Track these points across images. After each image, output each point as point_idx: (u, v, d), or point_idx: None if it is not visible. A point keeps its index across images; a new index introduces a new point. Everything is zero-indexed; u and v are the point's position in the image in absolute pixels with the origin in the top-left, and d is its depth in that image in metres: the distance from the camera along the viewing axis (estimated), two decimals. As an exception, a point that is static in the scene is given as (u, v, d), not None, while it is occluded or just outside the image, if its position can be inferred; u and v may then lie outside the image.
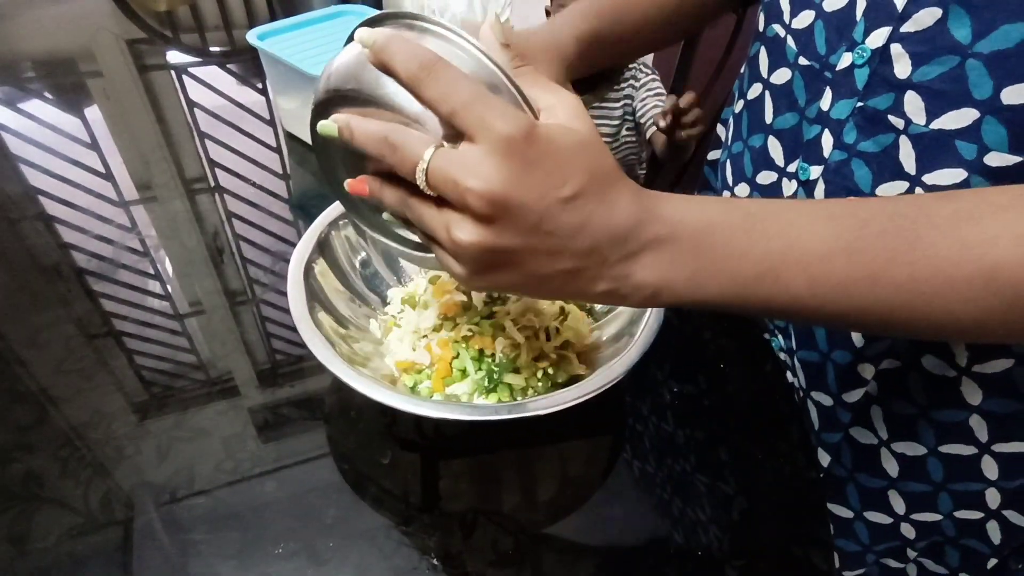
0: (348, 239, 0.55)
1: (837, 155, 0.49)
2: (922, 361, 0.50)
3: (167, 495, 0.45)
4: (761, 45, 0.57)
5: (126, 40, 1.02)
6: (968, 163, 0.42)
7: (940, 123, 0.43)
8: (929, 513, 0.55)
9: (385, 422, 0.50)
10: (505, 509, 0.46)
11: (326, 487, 0.46)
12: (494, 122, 0.29)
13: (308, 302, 0.46)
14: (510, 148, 0.29)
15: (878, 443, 0.55)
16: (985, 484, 0.51)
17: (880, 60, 0.45)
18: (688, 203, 0.33)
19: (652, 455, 0.51)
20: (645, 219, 0.32)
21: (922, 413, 0.51)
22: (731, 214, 0.33)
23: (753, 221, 0.32)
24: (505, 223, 0.30)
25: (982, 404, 0.49)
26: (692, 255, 0.32)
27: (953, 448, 0.51)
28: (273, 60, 0.73)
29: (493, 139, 0.29)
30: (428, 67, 0.30)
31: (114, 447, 0.48)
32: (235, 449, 0.48)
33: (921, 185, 0.45)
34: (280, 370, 0.55)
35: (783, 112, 0.55)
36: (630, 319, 0.50)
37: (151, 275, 0.63)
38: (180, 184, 0.73)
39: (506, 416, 0.40)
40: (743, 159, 0.61)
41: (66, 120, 0.83)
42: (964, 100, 0.41)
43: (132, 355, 0.55)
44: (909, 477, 0.54)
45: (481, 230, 0.30)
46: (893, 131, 0.45)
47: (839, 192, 0.49)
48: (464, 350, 0.49)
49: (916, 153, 0.44)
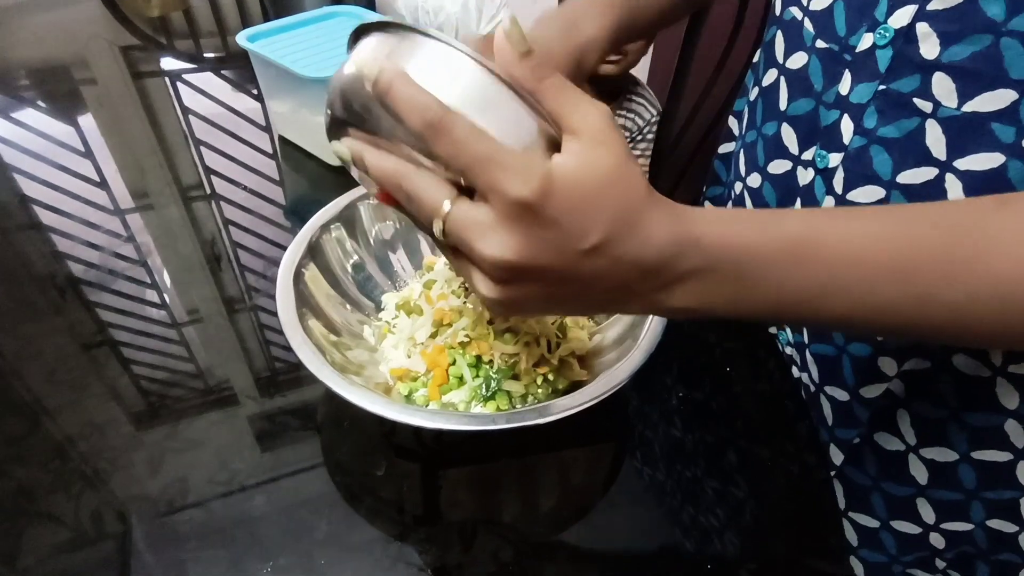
0: (340, 243, 0.53)
1: (857, 141, 0.47)
2: (953, 361, 0.47)
3: (159, 508, 0.44)
4: (778, 29, 0.55)
5: (120, 47, 1.02)
6: (1006, 147, 0.40)
7: (973, 105, 0.41)
8: (960, 522, 0.52)
9: (382, 431, 0.49)
10: (506, 519, 0.45)
11: (320, 499, 0.45)
12: (506, 186, 0.28)
13: (298, 309, 0.45)
14: (524, 212, 0.28)
15: (905, 449, 0.52)
16: (1020, 492, 0.49)
17: (905, 40, 0.43)
18: (726, 227, 0.31)
19: (656, 460, 0.49)
20: (680, 251, 0.30)
21: (953, 416, 0.49)
22: (772, 239, 0.31)
23: (797, 248, 0.31)
24: (524, 282, 0.30)
25: (1020, 408, 0.46)
26: (731, 285, 0.31)
27: (987, 454, 0.49)
28: (264, 62, 0.72)
29: (506, 204, 0.28)
30: (435, 125, 0.28)
31: (106, 459, 0.47)
32: (229, 460, 0.47)
33: (952, 171, 0.43)
34: (275, 379, 0.54)
35: (797, 98, 0.53)
36: (632, 323, 0.49)
37: (147, 283, 0.62)
38: (176, 191, 0.73)
39: (504, 426, 0.39)
40: (756, 148, 0.59)
41: (60, 128, 0.83)
42: (1000, 81, 0.39)
43: (126, 364, 0.54)
44: (939, 485, 0.52)
45: (499, 287, 0.31)
46: (919, 115, 0.43)
47: (858, 180, 0.47)
48: (461, 356, 0.48)
49: (947, 138, 0.42)
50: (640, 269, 0.30)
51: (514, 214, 0.28)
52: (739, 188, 0.63)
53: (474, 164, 0.28)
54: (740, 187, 0.63)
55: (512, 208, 0.28)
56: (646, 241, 0.30)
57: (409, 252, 0.59)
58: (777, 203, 0.57)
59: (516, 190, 0.28)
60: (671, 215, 0.31)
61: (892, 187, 0.46)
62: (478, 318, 0.49)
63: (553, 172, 0.28)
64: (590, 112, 0.30)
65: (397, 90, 0.29)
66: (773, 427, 0.53)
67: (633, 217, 0.30)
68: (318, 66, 0.69)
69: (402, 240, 0.58)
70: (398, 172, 0.31)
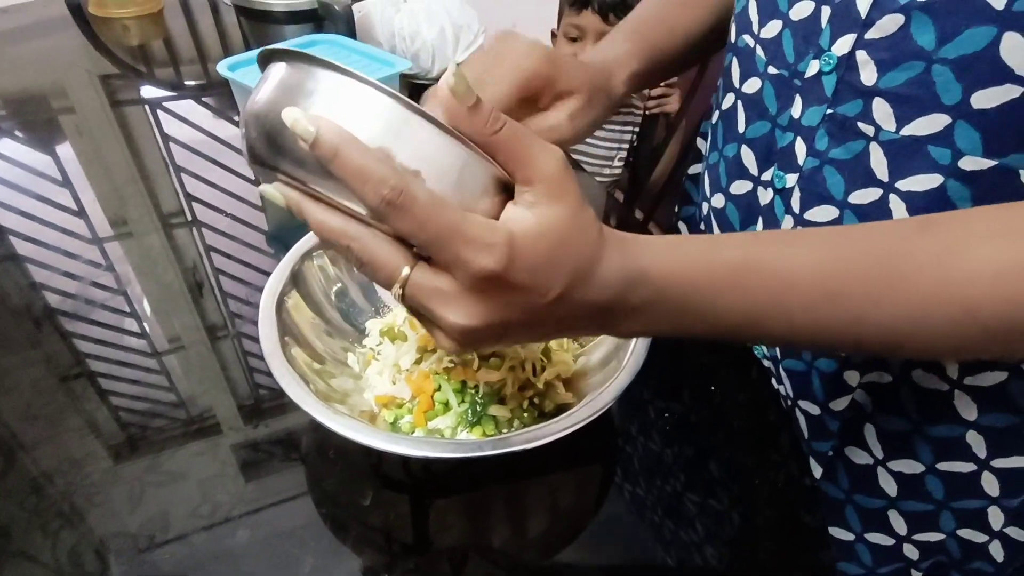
0: (323, 269, 0.53)
1: (811, 162, 0.49)
2: (912, 375, 0.49)
3: (139, 544, 0.43)
4: (733, 56, 0.57)
5: (99, 75, 1.01)
6: (943, 167, 0.42)
7: (911, 129, 0.42)
8: (932, 533, 0.54)
9: (369, 460, 0.48)
10: (496, 544, 0.45)
11: (305, 530, 0.44)
12: (471, 259, 0.28)
13: (281, 338, 0.45)
14: (488, 282, 0.28)
15: (874, 462, 0.53)
16: (987, 501, 0.50)
17: (847, 67, 0.44)
18: (671, 257, 0.33)
19: (645, 479, 0.49)
20: (630, 287, 0.32)
21: (916, 429, 0.50)
22: (715, 268, 0.33)
23: (737, 276, 0.33)
24: (486, 338, 0.31)
25: (979, 419, 0.48)
26: (677, 313, 0.33)
27: (952, 465, 0.50)
28: (245, 91, 0.72)
29: (471, 276, 0.28)
30: (394, 203, 0.27)
31: (84, 495, 0.46)
32: (211, 492, 0.46)
33: (895, 191, 0.44)
34: (259, 407, 0.53)
35: (754, 121, 0.55)
36: (617, 344, 0.49)
37: (126, 312, 0.61)
38: (156, 219, 0.72)
39: (490, 452, 0.39)
40: (719, 169, 0.61)
41: (37, 158, 0.82)
42: (933, 106, 0.41)
43: (104, 396, 0.53)
44: (909, 496, 0.53)
45: (463, 344, 0.31)
46: (863, 138, 0.45)
47: (813, 200, 0.49)
48: (446, 382, 0.47)
49: (888, 160, 0.44)
50: (596, 308, 0.32)
51: (479, 286, 0.28)
52: (706, 208, 0.65)
53: (437, 240, 0.28)
54: (707, 207, 0.64)
55: (476, 280, 0.28)
56: (602, 284, 0.31)
57: (393, 277, 0.58)
58: (740, 223, 0.59)
59: (481, 263, 0.28)
60: (621, 252, 0.32)
61: (845, 206, 0.47)
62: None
63: (515, 236, 0.28)
64: (545, 161, 0.30)
65: (346, 159, 0.27)
66: (760, 442, 0.54)
67: (591, 265, 0.31)
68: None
69: (385, 265, 0.58)
70: (347, 234, 0.29)
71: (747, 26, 0.54)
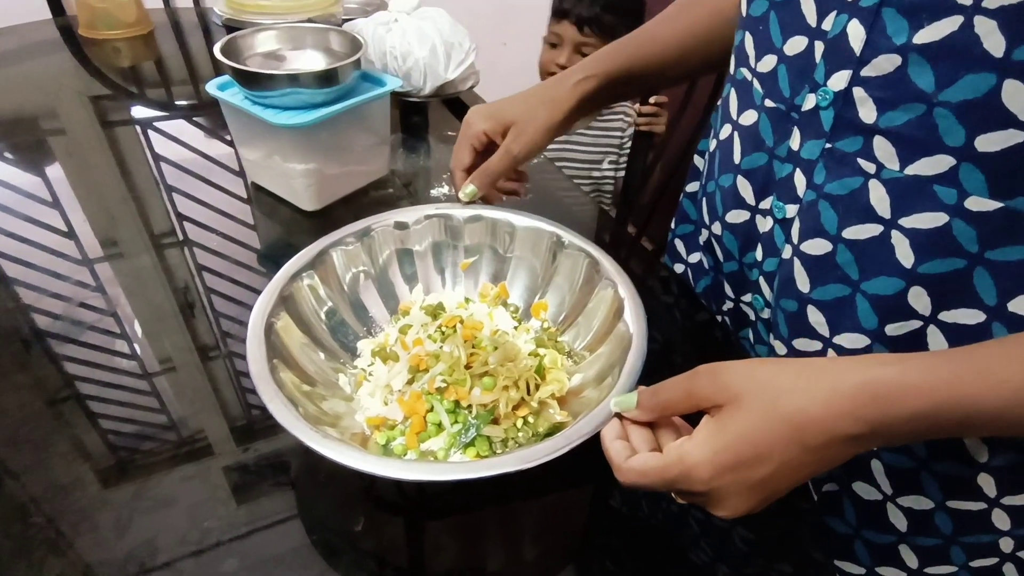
0: (313, 290, 0.53)
1: (809, 195, 0.48)
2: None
3: (126, 572, 0.42)
4: (731, 87, 0.57)
5: (90, 96, 1.01)
6: (950, 207, 0.41)
7: (915, 169, 0.42)
8: (944, 566, 0.53)
9: (360, 484, 0.48)
10: (491, 567, 0.44)
11: (296, 555, 0.43)
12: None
13: (269, 361, 0.44)
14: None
15: (883, 498, 0.53)
16: (997, 535, 0.50)
17: (844, 102, 0.44)
18: (873, 417, 0.34)
19: (643, 501, 0.49)
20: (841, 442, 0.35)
21: (923, 466, 0.50)
22: (918, 412, 0.34)
23: (936, 409, 0.34)
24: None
25: (991, 461, 0.47)
26: (880, 441, 0.36)
27: (961, 504, 0.50)
28: (234, 110, 0.72)
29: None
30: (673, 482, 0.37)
31: (70, 522, 0.45)
32: (201, 517, 0.45)
33: (898, 228, 0.44)
34: (250, 429, 0.52)
35: (750, 152, 0.55)
36: (610, 362, 0.48)
37: (116, 334, 0.60)
38: (147, 239, 0.72)
39: (484, 474, 0.38)
40: (715, 199, 0.61)
41: (26, 179, 0.81)
42: (937, 147, 0.41)
43: (93, 419, 0.52)
44: (918, 532, 0.52)
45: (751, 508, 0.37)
46: (862, 175, 0.45)
47: (810, 233, 0.49)
48: (439, 402, 0.47)
49: (891, 197, 0.44)
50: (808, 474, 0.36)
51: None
52: (705, 235, 0.65)
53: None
54: (706, 233, 0.65)
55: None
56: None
57: (384, 297, 0.58)
58: (739, 250, 0.59)
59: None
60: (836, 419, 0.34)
61: (838, 241, 0.47)
62: (455, 362, 0.48)
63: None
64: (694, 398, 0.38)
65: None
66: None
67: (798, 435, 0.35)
68: (288, 114, 0.69)
69: (376, 285, 0.58)
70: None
71: (744, 59, 0.54)
